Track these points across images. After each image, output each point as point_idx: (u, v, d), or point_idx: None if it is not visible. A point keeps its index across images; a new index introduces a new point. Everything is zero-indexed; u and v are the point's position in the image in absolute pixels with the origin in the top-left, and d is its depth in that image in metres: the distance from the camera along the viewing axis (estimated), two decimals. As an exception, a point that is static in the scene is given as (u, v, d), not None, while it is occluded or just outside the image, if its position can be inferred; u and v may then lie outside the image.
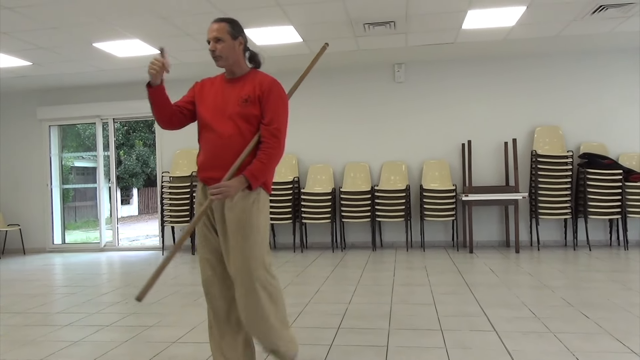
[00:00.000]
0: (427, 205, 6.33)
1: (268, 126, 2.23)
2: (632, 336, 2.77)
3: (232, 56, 2.29)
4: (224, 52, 2.26)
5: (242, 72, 2.35)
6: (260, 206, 2.25)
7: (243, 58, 2.35)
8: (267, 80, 2.30)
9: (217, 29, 2.25)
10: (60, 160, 8.13)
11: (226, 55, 2.27)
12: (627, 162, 6.24)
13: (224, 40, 2.26)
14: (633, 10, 4.89)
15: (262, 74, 2.35)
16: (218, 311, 2.35)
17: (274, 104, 2.26)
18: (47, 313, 3.79)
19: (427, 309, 3.48)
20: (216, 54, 2.26)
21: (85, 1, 4.33)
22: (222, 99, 2.31)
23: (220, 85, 2.37)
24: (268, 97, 2.25)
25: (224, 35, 2.26)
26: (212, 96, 2.36)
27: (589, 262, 5.20)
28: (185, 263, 6.07)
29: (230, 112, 2.26)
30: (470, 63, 6.70)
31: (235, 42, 2.28)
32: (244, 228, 2.18)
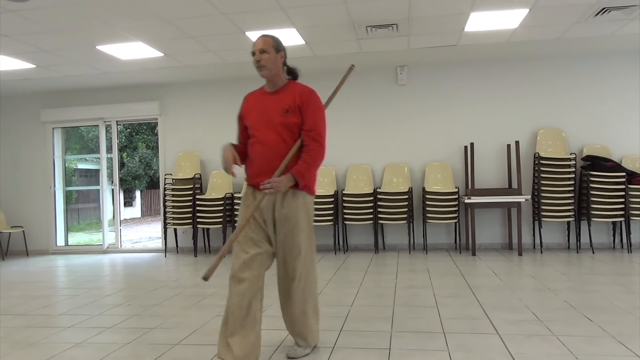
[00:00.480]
0: (429, 207, 6.32)
1: (309, 132, 2.49)
2: (635, 339, 2.76)
3: (274, 67, 2.54)
4: (268, 62, 2.52)
5: (281, 84, 2.61)
6: (307, 206, 2.55)
7: (282, 70, 2.62)
8: (305, 91, 2.56)
9: (263, 42, 2.53)
10: (64, 163, 8.16)
11: (270, 65, 2.53)
12: (631, 164, 6.22)
13: (268, 52, 2.52)
14: (636, 12, 4.88)
15: (299, 85, 2.61)
16: (242, 303, 2.45)
17: (313, 112, 2.52)
18: (50, 315, 3.80)
19: (430, 312, 3.48)
20: (261, 64, 2.52)
21: (89, 4, 4.35)
22: (265, 110, 2.56)
23: (262, 98, 2.62)
24: (307, 106, 2.51)
25: (269, 48, 2.52)
26: (256, 109, 2.61)
27: (592, 265, 5.18)
28: (187, 265, 6.07)
29: (274, 122, 2.51)
30: (473, 65, 6.70)
31: (277, 55, 2.55)
32: (292, 225, 2.49)
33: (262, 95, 2.63)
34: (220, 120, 7.33)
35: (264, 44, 2.52)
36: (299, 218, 2.50)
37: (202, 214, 6.78)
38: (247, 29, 5.12)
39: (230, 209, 6.79)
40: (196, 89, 7.39)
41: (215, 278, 5.10)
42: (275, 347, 2.83)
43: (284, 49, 2.60)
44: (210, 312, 3.68)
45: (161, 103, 7.46)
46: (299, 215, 2.50)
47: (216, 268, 2.31)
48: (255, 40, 2.56)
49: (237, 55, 6.03)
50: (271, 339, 2.99)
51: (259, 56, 2.51)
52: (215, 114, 7.34)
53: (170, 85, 7.46)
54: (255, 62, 2.53)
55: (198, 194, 6.94)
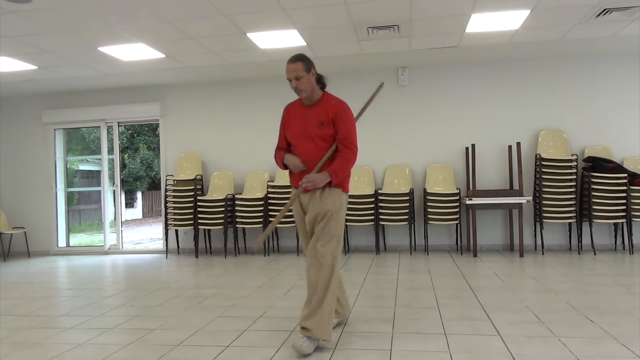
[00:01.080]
0: (430, 208, 6.31)
1: (343, 141, 2.86)
2: (637, 341, 2.75)
3: (309, 87, 2.87)
4: (304, 86, 2.85)
5: (317, 98, 2.94)
6: (342, 204, 2.89)
7: (316, 85, 2.92)
8: (337, 104, 2.91)
9: (294, 68, 2.82)
10: (65, 164, 8.17)
11: (305, 87, 2.85)
12: (632, 165, 6.21)
13: (302, 77, 2.83)
14: (637, 13, 4.88)
15: (332, 98, 2.95)
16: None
17: (345, 122, 2.87)
18: (51, 316, 3.80)
19: (431, 313, 3.47)
20: (299, 89, 2.86)
21: (90, 5, 4.36)
22: (303, 123, 2.92)
23: (301, 110, 2.98)
24: (340, 118, 2.86)
25: (301, 73, 2.82)
26: (295, 121, 2.97)
27: (594, 266, 5.17)
28: (188, 266, 6.08)
29: (311, 134, 2.87)
30: (474, 66, 6.70)
31: (309, 75, 2.86)
32: (327, 219, 2.81)
33: (301, 109, 2.98)
34: (221, 121, 7.33)
35: (296, 71, 2.81)
36: (333, 213, 2.82)
37: (203, 215, 6.79)
38: (248, 30, 5.13)
39: (231, 210, 6.79)
40: (197, 90, 7.40)
41: (215, 279, 5.10)
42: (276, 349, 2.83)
43: (313, 65, 2.88)
44: (211, 313, 3.69)
45: (162, 104, 7.47)
46: (333, 211, 2.82)
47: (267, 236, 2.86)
48: (287, 66, 2.84)
49: (238, 56, 6.04)
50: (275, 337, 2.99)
51: (295, 83, 2.84)
52: (216, 115, 7.35)
53: (171, 87, 7.47)
54: (294, 89, 2.87)
55: (199, 195, 6.94)
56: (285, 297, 4.13)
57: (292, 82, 2.85)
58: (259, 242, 2.81)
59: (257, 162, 7.18)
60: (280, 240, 7.05)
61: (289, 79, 2.85)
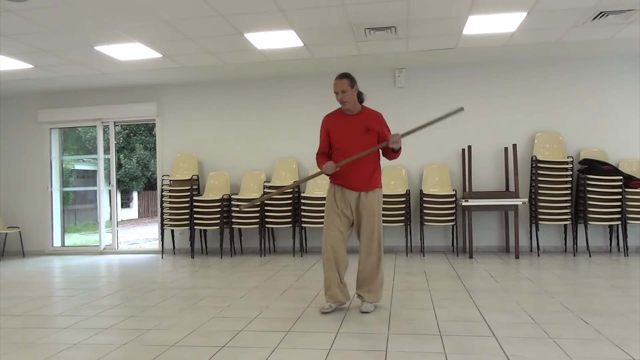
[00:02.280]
0: (427, 210, 6.32)
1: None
2: (631, 342, 2.76)
3: (352, 100, 3.49)
4: (348, 98, 3.46)
5: (357, 110, 3.57)
6: (381, 198, 3.61)
7: (357, 99, 3.53)
8: (377, 115, 3.62)
9: (341, 84, 3.44)
10: (61, 163, 8.14)
11: (349, 100, 3.47)
12: (627, 168, 6.24)
13: (347, 91, 3.44)
14: (633, 16, 4.91)
15: (371, 111, 3.62)
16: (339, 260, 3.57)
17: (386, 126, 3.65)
18: (46, 316, 3.79)
19: (427, 314, 3.48)
20: (345, 101, 3.47)
21: (87, 5, 4.35)
22: (349, 130, 3.53)
23: (344, 120, 3.58)
24: (382, 127, 3.60)
25: (347, 87, 3.44)
26: (341, 128, 3.56)
27: (589, 268, 5.19)
28: (184, 266, 6.06)
29: (357, 139, 3.50)
30: (471, 68, 6.71)
31: (353, 90, 3.47)
32: (373, 213, 3.53)
33: (343, 118, 3.58)
34: (218, 122, 7.33)
35: (343, 85, 3.42)
36: (377, 208, 3.55)
37: (200, 215, 6.78)
38: (246, 31, 5.13)
39: (228, 210, 6.78)
40: (194, 91, 7.39)
41: (210, 279, 5.10)
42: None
43: (356, 82, 3.50)
44: (206, 313, 3.68)
45: (159, 104, 7.45)
46: (376, 206, 3.55)
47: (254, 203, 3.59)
48: (335, 81, 3.46)
49: (236, 57, 6.04)
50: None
51: (341, 96, 3.44)
52: (213, 116, 7.34)
53: (168, 87, 7.45)
54: (339, 101, 3.47)
55: (195, 195, 6.93)
56: (281, 298, 4.12)
57: (338, 94, 3.44)
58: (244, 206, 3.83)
59: (253, 163, 7.17)
60: (277, 241, 7.04)
61: (336, 92, 3.44)
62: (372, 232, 3.54)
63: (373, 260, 3.56)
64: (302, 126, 6.96)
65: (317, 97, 7.00)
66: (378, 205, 3.56)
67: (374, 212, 3.54)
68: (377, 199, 3.56)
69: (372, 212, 3.52)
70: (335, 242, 3.52)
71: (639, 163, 6.28)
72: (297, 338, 3.02)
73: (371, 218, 3.52)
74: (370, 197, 3.53)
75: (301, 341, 2.95)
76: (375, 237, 3.55)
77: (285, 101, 7.07)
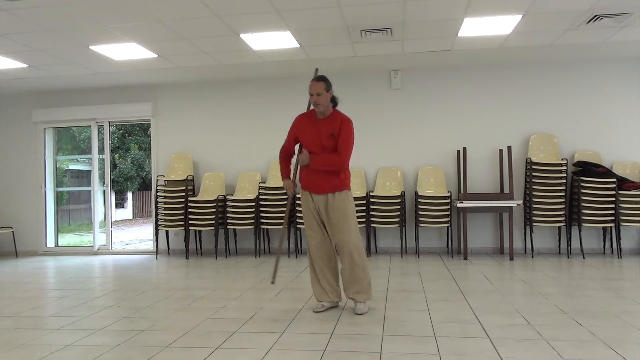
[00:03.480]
0: (422, 211, 6.33)
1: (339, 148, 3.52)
2: (625, 344, 2.78)
3: (326, 103, 3.55)
4: (322, 101, 3.52)
5: (328, 113, 3.61)
6: (351, 199, 3.60)
7: (330, 103, 3.59)
8: (344, 120, 3.57)
9: (317, 87, 3.51)
10: (55, 163, 8.10)
11: (323, 103, 3.53)
12: (621, 170, 6.27)
13: (322, 94, 3.50)
14: (627, 20, 4.94)
15: (340, 115, 3.61)
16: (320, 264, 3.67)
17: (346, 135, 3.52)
18: (39, 316, 3.77)
19: (421, 316, 3.48)
20: (318, 103, 3.52)
21: (82, 4, 4.33)
22: (317, 133, 3.56)
23: (314, 122, 3.61)
24: (343, 130, 3.52)
25: (322, 90, 3.51)
26: (309, 131, 3.61)
27: (583, 270, 5.21)
28: (178, 267, 6.04)
29: (323, 143, 3.53)
30: (466, 70, 6.74)
31: (328, 94, 3.54)
32: (345, 214, 3.52)
33: (313, 120, 3.61)
34: (213, 122, 7.31)
35: (319, 88, 3.49)
36: (346, 209, 3.54)
37: (194, 216, 6.76)
38: (242, 32, 5.12)
39: (223, 211, 6.77)
40: (190, 91, 7.37)
41: (205, 280, 5.08)
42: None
43: (331, 86, 3.57)
44: (200, 314, 3.67)
45: (154, 104, 7.43)
46: (346, 207, 3.54)
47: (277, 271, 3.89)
48: (311, 83, 3.52)
49: (232, 57, 6.03)
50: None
51: (316, 98, 3.49)
52: (208, 116, 7.33)
53: (163, 87, 7.43)
54: (313, 103, 3.52)
55: (190, 195, 6.91)
56: (276, 299, 4.12)
57: (313, 96, 3.50)
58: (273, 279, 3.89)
59: (248, 163, 7.16)
60: (272, 242, 7.03)
61: (311, 94, 3.50)
62: (345, 233, 3.51)
63: (352, 261, 3.54)
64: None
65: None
66: (350, 206, 3.56)
67: (345, 212, 3.52)
68: (347, 199, 3.55)
69: (342, 213, 3.52)
70: (317, 242, 3.63)
71: (632, 165, 6.32)
72: (292, 339, 3.01)
73: (342, 219, 3.51)
74: (339, 198, 3.53)
75: (296, 342, 2.94)
76: (351, 238, 3.52)
77: (280, 102, 7.06)
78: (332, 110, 3.61)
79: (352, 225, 3.54)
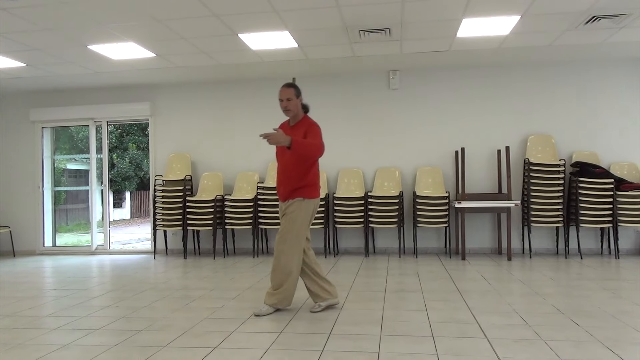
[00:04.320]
0: (420, 211, 6.34)
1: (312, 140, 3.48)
2: (622, 344, 2.78)
3: (295, 109, 3.60)
4: (292, 107, 3.57)
5: (299, 119, 3.65)
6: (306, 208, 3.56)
7: (300, 108, 3.65)
8: (309, 124, 3.60)
9: (287, 92, 3.56)
10: (53, 163, 8.08)
11: (292, 108, 3.58)
12: (619, 171, 6.29)
13: (291, 100, 3.55)
14: (625, 21, 4.95)
15: (308, 122, 3.61)
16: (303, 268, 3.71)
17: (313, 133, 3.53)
18: (37, 316, 3.76)
19: (419, 316, 3.48)
20: (287, 109, 3.57)
21: (81, 4, 4.32)
22: None
23: (287, 130, 3.67)
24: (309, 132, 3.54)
25: (292, 96, 3.55)
26: None
27: (580, 270, 5.22)
28: (176, 267, 6.04)
29: (286, 151, 3.50)
30: (465, 71, 6.74)
31: (297, 100, 3.59)
32: (292, 220, 3.54)
33: (287, 128, 3.69)
34: (211, 122, 7.31)
35: (288, 94, 3.54)
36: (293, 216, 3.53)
37: (192, 215, 6.75)
38: (240, 32, 5.12)
39: (221, 211, 6.77)
40: (188, 90, 7.37)
41: (203, 280, 5.08)
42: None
43: (300, 93, 3.62)
44: (198, 314, 3.66)
45: (152, 104, 7.42)
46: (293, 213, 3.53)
47: None
48: (281, 89, 3.56)
49: (230, 57, 6.03)
50: (260, 341, 2.97)
51: (286, 103, 3.55)
52: (207, 116, 7.32)
53: (161, 86, 7.43)
54: (283, 108, 3.57)
55: (188, 195, 6.90)
56: (274, 299, 4.11)
57: (283, 102, 3.54)
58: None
59: (247, 163, 7.16)
60: (270, 242, 7.03)
61: (281, 100, 3.54)
62: (281, 234, 3.54)
63: (278, 264, 3.54)
64: (296, 127, 6.96)
65: (311, 98, 7.00)
66: (301, 214, 3.52)
67: (292, 218, 3.52)
68: (301, 207, 3.52)
69: (290, 219, 3.52)
70: None
71: (630, 166, 6.33)
72: (290, 339, 3.01)
73: (285, 223, 3.54)
74: (292, 205, 3.54)
75: (294, 342, 2.94)
76: (286, 241, 3.52)
77: (277, 102, 7.04)
78: (302, 116, 3.64)
79: (296, 233, 3.52)
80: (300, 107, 3.62)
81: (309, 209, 3.57)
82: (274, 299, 3.59)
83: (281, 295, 3.57)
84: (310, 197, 3.57)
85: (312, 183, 3.58)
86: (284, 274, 3.54)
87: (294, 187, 3.53)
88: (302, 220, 3.54)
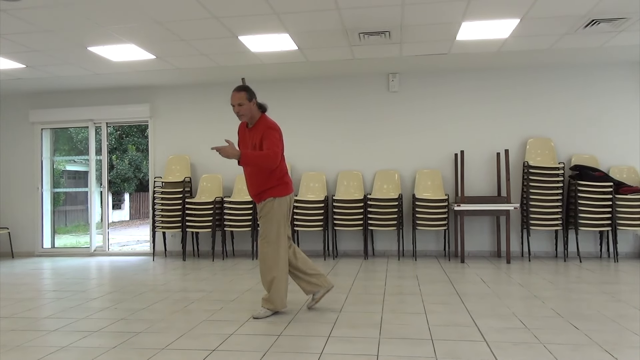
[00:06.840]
0: (419, 214, 6.34)
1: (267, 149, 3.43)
2: (621, 348, 2.78)
3: (249, 113, 3.53)
4: (244, 111, 3.50)
5: (255, 120, 3.57)
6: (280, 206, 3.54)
7: (256, 110, 3.56)
8: (266, 126, 3.50)
9: (238, 97, 3.48)
10: (52, 164, 8.08)
11: (245, 113, 3.51)
12: (618, 174, 6.30)
13: (243, 104, 3.47)
14: (624, 25, 4.96)
15: (265, 121, 3.53)
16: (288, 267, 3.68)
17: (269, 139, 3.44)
18: (35, 318, 3.75)
19: (418, 319, 3.48)
20: (240, 114, 3.51)
21: (81, 5, 4.33)
22: (245, 142, 3.63)
23: (246, 131, 3.64)
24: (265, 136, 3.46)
25: (243, 101, 3.47)
26: (242, 141, 3.68)
27: (579, 274, 5.23)
28: (175, 269, 6.03)
29: None
30: (464, 74, 6.76)
31: (250, 104, 3.51)
32: (268, 220, 3.55)
33: (246, 130, 3.64)
34: (211, 124, 7.31)
35: (239, 99, 3.46)
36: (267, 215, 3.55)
37: (192, 217, 6.75)
38: (240, 34, 5.12)
39: (220, 213, 6.76)
40: (187, 92, 7.37)
41: (202, 282, 5.07)
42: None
43: (254, 95, 3.54)
44: (197, 316, 3.66)
45: (152, 105, 7.42)
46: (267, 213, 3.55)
47: None
48: (232, 93, 3.49)
49: (230, 59, 6.03)
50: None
51: (237, 109, 3.48)
52: (206, 118, 7.33)
53: (161, 88, 7.43)
54: (236, 114, 3.50)
55: (188, 197, 6.90)
56: (273, 301, 4.11)
57: (235, 107, 3.47)
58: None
59: (246, 165, 7.15)
60: (269, 244, 7.02)
61: (233, 105, 3.48)
62: (262, 236, 3.57)
63: (264, 266, 3.56)
64: (294, 129, 6.97)
65: (311, 100, 7.02)
66: (276, 214, 3.53)
67: (269, 219, 3.53)
68: (273, 207, 3.52)
69: (266, 220, 3.54)
70: None
71: (629, 169, 6.34)
72: (289, 342, 3.01)
73: (263, 225, 3.57)
74: (265, 206, 3.55)
75: (292, 345, 2.94)
76: (269, 243, 3.53)
77: (278, 104, 7.06)
78: (259, 116, 3.57)
79: (275, 232, 3.52)
80: (256, 109, 3.55)
81: (282, 207, 3.56)
82: (269, 304, 3.59)
83: (274, 296, 3.58)
84: (281, 195, 3.56)
85: (280, 182, 3.56)
86: (271, 275, 3.55)
87: (262, 190, 3.55)
88: (279, 219, 3.55)
